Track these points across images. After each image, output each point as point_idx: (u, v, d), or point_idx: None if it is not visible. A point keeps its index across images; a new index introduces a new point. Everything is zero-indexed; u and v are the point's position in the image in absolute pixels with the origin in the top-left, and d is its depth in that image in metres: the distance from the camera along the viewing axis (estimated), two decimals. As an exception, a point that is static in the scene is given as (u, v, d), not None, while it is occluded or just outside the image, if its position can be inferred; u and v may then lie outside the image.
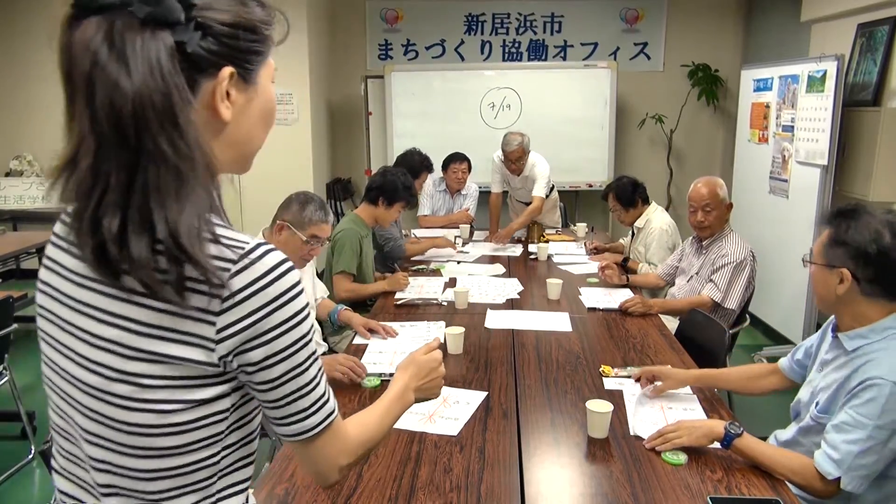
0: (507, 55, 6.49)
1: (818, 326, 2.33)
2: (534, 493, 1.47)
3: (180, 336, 0.79)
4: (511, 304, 2.93)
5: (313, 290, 2.69)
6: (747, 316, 3.11)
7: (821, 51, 4.40)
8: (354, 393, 2.00)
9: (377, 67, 6.33)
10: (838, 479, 1.49)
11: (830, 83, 3.88)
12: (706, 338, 2.56)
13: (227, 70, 0.82)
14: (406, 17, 6.45)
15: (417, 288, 3.18)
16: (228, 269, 0.78)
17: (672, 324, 2.84)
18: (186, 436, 0.82)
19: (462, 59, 6.47)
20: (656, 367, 2.03)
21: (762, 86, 4.76)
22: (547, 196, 4.48)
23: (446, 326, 2.46)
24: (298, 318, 0.84)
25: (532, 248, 4.04)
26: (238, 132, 0.88)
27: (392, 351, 2.34)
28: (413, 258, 3.87)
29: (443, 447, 1.66)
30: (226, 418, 0.85)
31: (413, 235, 4.39)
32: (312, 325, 0.87)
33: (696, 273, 3.08)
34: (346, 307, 2.77)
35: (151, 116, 0.73)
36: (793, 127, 4.29)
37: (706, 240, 3.07)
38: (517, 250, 4.09)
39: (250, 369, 0.83)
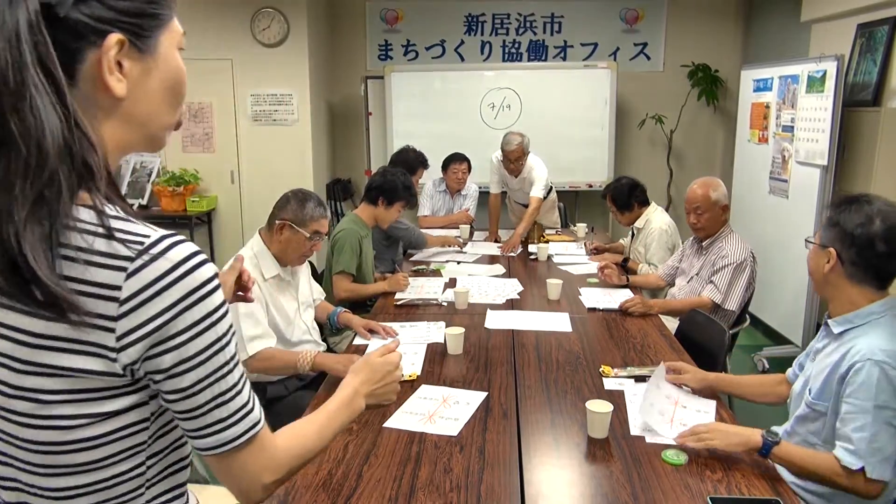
0: (507, 55, 6.48)
1: (818, 327, 2.33)
2: (534, 493, 1.47)
3: (77, 346, 0.70)
4: (511, 305, 2.93)
5: (310, 291, 2.69)
6: (747, 316, 3.11)
7: (821, 51, 4.40)
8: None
9: (377, 68, 6.33)
10: (867, 475, 1.49)
11: (830, 83, 3.88)
12: (706, 338, 2.56)
13: (114, 37, 0.71)
14: (406, 17, 6.46)
15: (417, 288, 3.18)
16: (125, 269, 0.70)
17: (672, 324, 2.84)
18: (99, 450, 0.75)
19: (462, 59, 6.47)
20: (678, 363, 2.06)
21: (762, 86, 4.76)
22: (545, 197, 4.46)
23: (446, 327, 2.46)
24: (212, 318, 0.75)
25: (532, 248, 4.04)
26: (137, 108, 0.76)
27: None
28: (412, 259, 3.87)
29: (443, 447, 1.66)
30: (146, 428, 0.78)
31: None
32: (230, 327, 0.79)
33: (697, 274, 3.08)
34: (345, 309, 2.76)
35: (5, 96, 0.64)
36: (793, 127, 4.29)
37: (706, 240, 3.07)
38: (516, 249, 4.09)
39: (158, 377, 0.74)
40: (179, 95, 0.81)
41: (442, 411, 1.86)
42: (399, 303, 2.95)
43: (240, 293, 1.43)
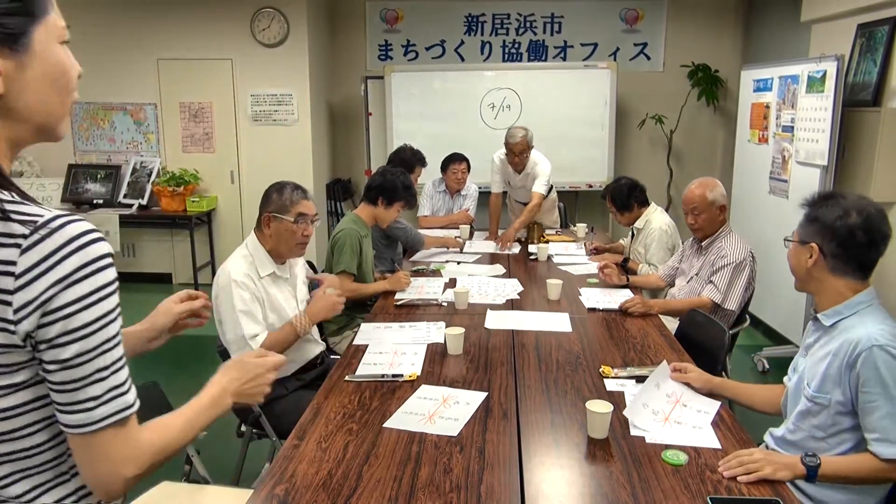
0: (506, 56, 6.49)
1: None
2: (534, 493, 1.47)
3: None
4: (511, 305, 2.93)
5: (306, 292, 2.67)
6: (747, 316, 3.11)
7: (821, 51, 4.40)
8: (356, 393, 2.00)
9: (377, 68, 6.33)
10: None
11: (830, 83, 3.88)
12: (706, 338, 2.56)
13: None
14: (406, 17, 6.46)
15: (417, 288, 3.18)
16: (19, 245, 0.74)
17: (672, 324, 2.84)
18: (13, 421, 0.79)
19: (462, 59, 6.48)
20: (683, 363, 2.06)
21: (762, 86, 4.76)
22: (546, 196, 4.46)
23: (446, 327, 2.46)
24: (101, 293, 0.78)
25: (532, 248, 4.04)
26: (18, 103, 0.78)
27: (392, 352, 2.34)
28: (412, 259, 3.88)
29: (443, 447, 1.66)
30: None
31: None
32: (118, 302, 0.81)
33: (696, 274, 3.08)
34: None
35: None
36: (793, 127, 4.29)
37: (705, 240, 3.07)
38: (515, 248, 4.09)
39: (42, 346, 0.77)
40: (65, 88, 0.83)
41: (442, 411, 1.86)
42: (399, 303, 2.95)
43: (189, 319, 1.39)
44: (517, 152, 4.23)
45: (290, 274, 2.50)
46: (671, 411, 1.83)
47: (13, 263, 0.74)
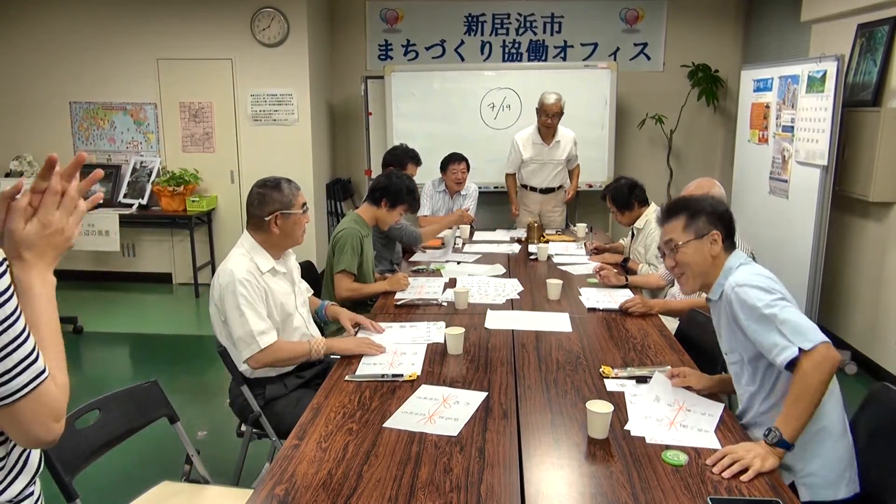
0: (506, 55, 6.49)
1: (819, 327, 2.33)
2: (534, 493, 1.47)
3: None
4: (511, 305, 2.93)
5: (300, 282, 2.67)
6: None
7: (821, 51, 4.40)
8: (356, 392, 2.00)
9: (377, 68, 6.33)
10: (810, 348, 1.63)
11: (830, 83, 3.88)
12: (706, 338, 2.55)
13: None
14: (406, 17, 6.46)
15: (418, 288, 3.18)
16: None
17: (672, 324, 2.84)
18: None
19: (462, 59, 6.48)
20: (680, 367, 2.10)
21: (762, 86, 4.76)
22: (558, 188, 5.03)
23: (446, 327, 2.46)
24: None
25: (532, 248, 4.04)
26: None
27: (392, 352, 2.34)
28: (411, 260, 3.87)
29: (443, 447, 1.66)
30: None
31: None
32: (8, 287, 0.86)
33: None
34: (332, 302, 2.77)
35: None
36: (793, 127, 4.29)
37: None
38: (515, 248, 4.10)
39: None
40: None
41: (442, 411, 1.86)
42: (399, 303, 2.95)
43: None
44: (551, 114, 4.73)
45: (287, 268, 2.51)
46: (675, 416, 1.83)
47: None
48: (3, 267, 0.87)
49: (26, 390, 0.89)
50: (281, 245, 2.43)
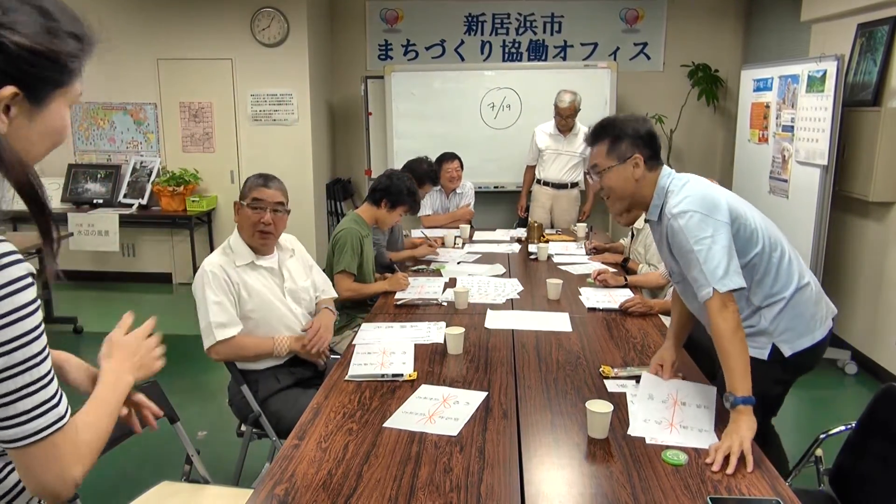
0: (506, 55, 6.49)
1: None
2: (534, 493, 1.47)
3: None
4: (511, 304, 2.93)
5: (311, 284, 2.66)
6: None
7: (821, 51, 4.40)
8: (356, 392, 2.00)
9: (377, 67, 6.33)
10: (724, 293, 1.73)
11: (830, 83, 3.88)
12: (706, 338, 2.54)
13: (10, 89, 0.82)
14: (406, 17, 6.46)
15: (418, 288, 3.18)
16: None
17: (672, 324, 2.84)
18: None
19: (462, 59, 6.48)
20: (653, 361, 2.10)
21: (762, 86, 4.76)
22: (571, 186, 5.18)
23: (446, 327, 2.46)
24: (20, 313, 0.83)
25: (532, 248, 4.04)
26: (13, 144, 0.86)
27: (381, 351, 2.32)
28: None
29: (443, 447, 1.66)
30: None
31: (422, 234, 4.39)
32: (40, 321, 0.86)
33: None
34: (329, 307, 2.72)
35: None
36: (793, 127, 4.29)
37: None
38: (515, 247, 4.10)
39: None
40: (56, 142, 0.92)
41: (442, 411, 1.86)
42: (399, 303, 2.95)
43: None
44: (565, 116, 4.91)
45: (278, 263, 2.50)
46: (673, 416, 1.83)
47: None
48: (27, 280, 0.85)
49: (42, 434, 0.87)
50: (243, 235, 2.43)
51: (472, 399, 1.93)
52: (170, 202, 5.79)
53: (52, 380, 0.88)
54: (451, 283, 3.28)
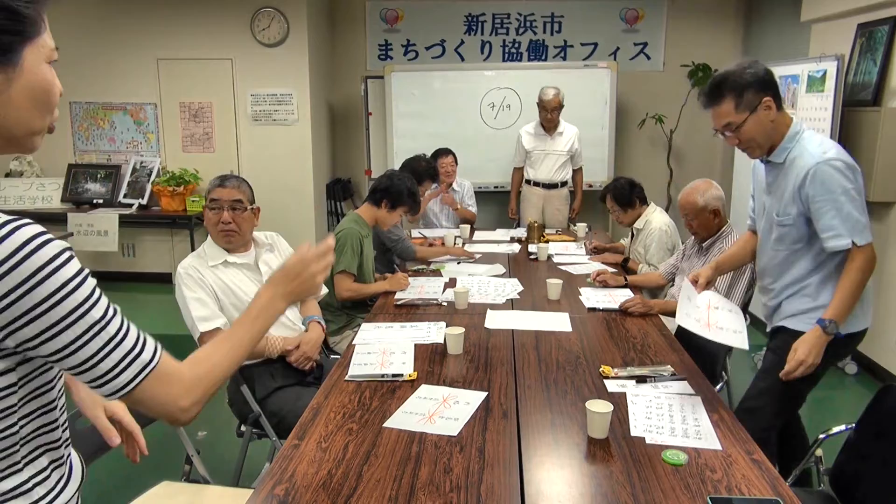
0: (507, 55, 6.49)
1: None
2: (534, 493, 1.47)
3: None
4: (511, 304, 2.93)
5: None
6: (747, 316, 3.10)
7: (821, 51, 4.40)
8: (356, 392, 2.00)
9: (377, 67, 6.33)
10: (860, 245, 1.93)
11: (830, 83, 3.88)
12: (706, 338, 2.56)
13: None
14: (406, 17, 6.46)
15: (418, 288, 3.18)
16: None
17: (672, 324, 2.83)
18: None
19: (462, 59, 6.48)
20: (694, 274, 2.31)
21: (762, 86, 4.76)
22: (561, 185, 5.16)
23: (446, 326, 2.46)
24: (68, 287, 0.84)
25: (532, 248, 4.04)
26: (0, 115, 0.84)
27: (381, 351, 2.32)
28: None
29: (443, 447, 1.66)
30: (15, 392, 0.87)
31: (420, 234, 4.39)
32: (93, 287, 0.88)
33: (697, 273, 3.08)
34: (318, 320, 2.69)
35: None
36: (793, 127, 4.29)
37: (706, 241, 3.07)
38: (515, 247, 4.10)
39: (31, 345, 0.84)
40: (47, 104, 0.89)
41: (442, 411, 1.86)
42: (399, 303, 2.95)
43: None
44: (550, 109, 4.91)
45: (254, 259, 2.52)
46: (708, 316, 2.04)
47: None
48: (65, 256, 0.85)
49: (138, 380, 0.92)
50: (215, 241, 2.47)
51: (472, 399, 1.93)
52: (170, 202, 5.79)
53: (125, 334, 0.92)
54: (451, 283, 3.28)
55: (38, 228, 0.82)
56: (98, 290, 0.89)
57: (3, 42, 0.81)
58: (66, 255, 0.85)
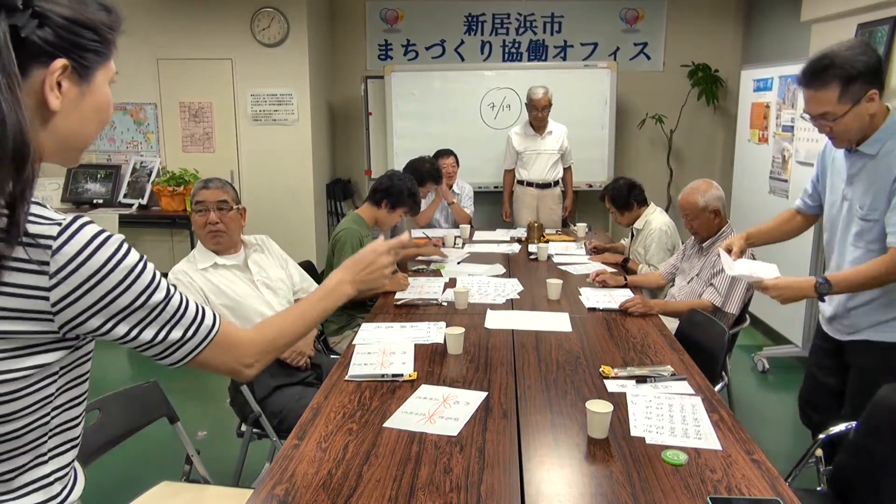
0: (507, 55, 6.49)
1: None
2: (534, 493, 1.47)
3: (20, 314, 0.84)
4: (511, 304, 2.93)
5: (287, 277, 2.69)
6: (747, 316, 3.11)
7: (821, 51, 4.39)
8: (356, 392, 2.00)
9: (377, 68, 6.33)
10: None
11: (830, 83, 3.87)
12: (706, 338, 2.56)
13: (60, 62, 0.85)
14: (406, 17, 6.46)
15: (418, 288, 3.18)
16: (50, 246, 0.84)
17: (672, 324, 2.84)
18: (21, 401, 0.87)
19: (462, 59, 6.48)
20: (728, 242, 2.34)
21: (762, 86, 4.76)
22: (554, 184, 5.19)
23: (446, 327, 2.46)
24: (133, 275, 0.91)
25: (532, 248, 4.04)
26: (67, 123, 0.90)
27: (381, 351, 2.33)
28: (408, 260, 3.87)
29: (443, 447, 1.66)
30: (55, 381, 0.91)
31: (423, 234, 4.39)
32: (153, 271, 0.95)
33: (697, 275, 3.08)
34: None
35: None
36: (793, 127, 4.29)
37: (706, 241, 3.07)
38: (515, 248, 4.10)
39: (102, 330, 0.91)
40: (104, 120, 0.96)
41: (442, 411, 1.86)
42: (399, 303, 2.95)
43: None
44: (540, 108, 4.91)
45: (244, 261, 2.55)
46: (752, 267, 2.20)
47: (46, 264, 0.84)
48: (125, 248, 0.92)
49: (200, 348, 1.03)
50: (204, 245, 2.50)
51: (472, 399, 1.93)
52: (170, 202, 5.79)
53: (185, 308, 1.01)
54: (451, 283, 3.28)
55: (98, 227, 0.89)
56: (158, 274, 0.97)
57: (88, 61, 0.89)
58: (126, 246, 0.92)
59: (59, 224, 0.85)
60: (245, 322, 2.42)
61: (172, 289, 0.99)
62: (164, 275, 1.04)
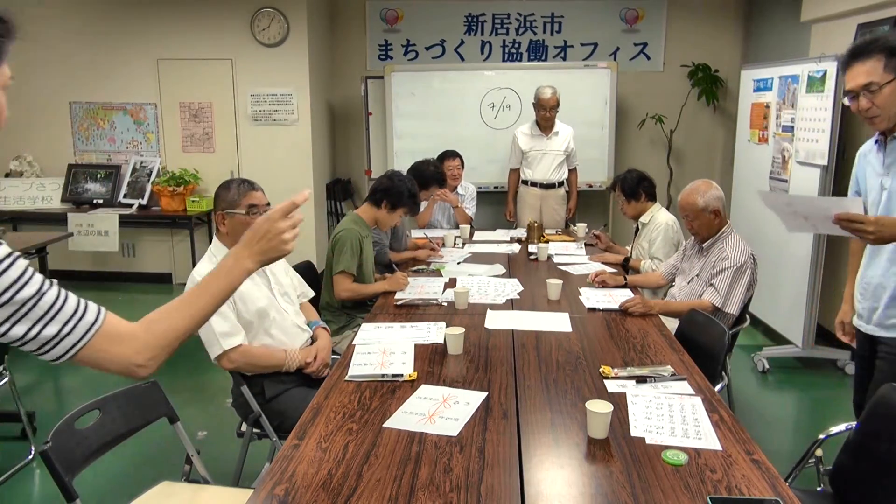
0: (506, 55, 6.49)
1: (818, 327, 2.34)
2: (534, 493, 1.47)
3: None
4: (511, 305, 2.93)
5: (291, 283, 2.69)
6: (747, 316, 3.11)
7: (821, 51, 4.40)
8: (356, 392, 2.00)
9: (377, 67, 6.33)
10: None
11: (830, 83, 3.88)
12: (706, 338, 2.56)
13: None
14: (406, 17, 6.46)
15: (417, 288, 3.18)
16: None
17: (672, 324, 2.84)
18: None
19: (462, 59, 6.48)
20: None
21: (762, 86, 4.76)
22: (559, 185, 5.17)
23: (446, 327, 2.46)
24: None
25: (532, 248, 4.04)
26: None
27: (381, 351, 2.33)
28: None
29: (443, 447, 1.66)
30: None
31: (424, 235, 4.39)
32: (23, 266, 0.95)
33: (697, 275, 3.08)
34: (324, 326, 2.73)
35: None
36: (793, 127, 4.29)
37: (706, 241, 3.07)
38: (515, 248, 4.10)
39: None
40: None
41: (442, 411, 1.86)
42: (399, 303, 2.95)
43: None
44: (548, 108, 4.92)
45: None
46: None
47: None
48: (8, 262, 0.93)
49: (81, 344, 0.99)
50: (229, 247, 2.42)
51: (472, 399, 1.93)
52: (170, 202, 5.79)
53: (63, 303, 0.98)
54: (451, 283, 3.28)
55: None
56: (30, 269, 0.96)
57: None
58: (8, 249, 0.92)
59: None
60: (267, 331, 2.42)
61: (48, 284, 0.98)
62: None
